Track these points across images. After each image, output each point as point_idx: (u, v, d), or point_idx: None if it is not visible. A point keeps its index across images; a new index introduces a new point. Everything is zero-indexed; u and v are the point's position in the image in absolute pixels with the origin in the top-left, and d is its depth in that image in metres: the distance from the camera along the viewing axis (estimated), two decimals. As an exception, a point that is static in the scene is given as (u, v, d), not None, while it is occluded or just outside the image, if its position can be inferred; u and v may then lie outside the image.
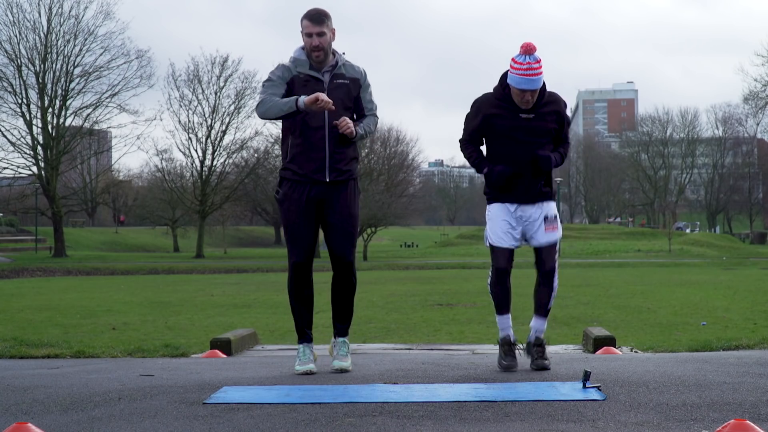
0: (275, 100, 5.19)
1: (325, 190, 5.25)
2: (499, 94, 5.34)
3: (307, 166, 5.22)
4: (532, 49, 5.15)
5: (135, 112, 52.20)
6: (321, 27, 5.17)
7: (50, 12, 47.99)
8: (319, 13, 5.20)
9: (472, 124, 5.42)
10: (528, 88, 5.18)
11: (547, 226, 5.38)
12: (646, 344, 8.42)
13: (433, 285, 22.55)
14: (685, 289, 19.48)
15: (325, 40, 5.19)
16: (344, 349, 5.43)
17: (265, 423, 3.84)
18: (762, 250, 55.37)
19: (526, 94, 5.21)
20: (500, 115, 5.30)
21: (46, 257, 48.87)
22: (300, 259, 5.29)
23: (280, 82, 5.26)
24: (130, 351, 8.00)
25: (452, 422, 3.81)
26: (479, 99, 5.43)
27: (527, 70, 5.13)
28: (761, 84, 57.12)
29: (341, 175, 5.26)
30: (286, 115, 5.18)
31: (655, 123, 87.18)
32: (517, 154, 5.31)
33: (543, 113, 5.32)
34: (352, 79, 5.31)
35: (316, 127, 5.19)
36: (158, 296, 19.45)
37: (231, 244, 70.22)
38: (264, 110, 5.22)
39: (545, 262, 5.38)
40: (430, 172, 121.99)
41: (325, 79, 5.24)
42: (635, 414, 3.91)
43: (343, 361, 5.36)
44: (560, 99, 5.45)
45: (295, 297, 5.41)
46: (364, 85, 5.37)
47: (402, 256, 53.51)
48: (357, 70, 5.35)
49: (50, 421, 3.94)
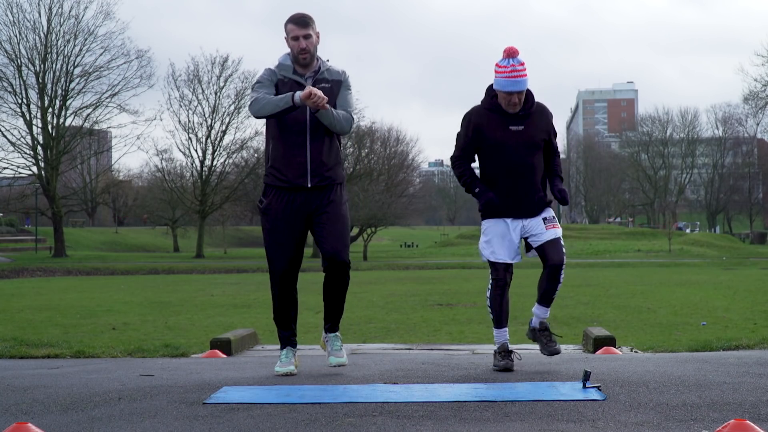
0: (269, 98, 5.20)
1: (308, 197, 5.23)
2: (488, 103, 5.36)
3: (289, 171, 5.21)
4: (514, 53, 5.22)
5: (135, 112, 52.34)
6: (306, 30, 5.22)
7: (50, 12, 48.03)
8: (303, 17, 5.25)
9: (464, 138, 5.44)
10: (514, 89, 5.20)
11: (548, 225, 5.40)
12: (646, 344, 8.42)
13: (433, 285, 22.54)
14: (685, 289, 19.48)
15: (311, 43, 5.24)
16: (337, 344, 5.42)
17: (265, 423, 3.84)
18: (762, 250, 55.38)
19: (512, 97, 5.23)
20: (490, 126, 5.33)
21: (46, 257, 48.88)
22: (285, 267, 5.26)
23: (269, 83, 5.28)
24: (130, 351, 8.01)
25: (452, 422, 3.81)
26: (469, 112, 5.45)
27: (511, 72, 5.18)
28: (761, 84, 57.14)
29: (323, 180, 5.24)
30: (281, 112, 5.17)
31: (655, 123, 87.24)
32: (509, 165, 5.33)
33: (532, 124, 5.34)
34: (334, 81, 5.33)
35: (297, 131, 5.20)
36: (158, 296, 19.45)
37: (231, 244, 70.24)
38: (259, 107, 5.21)
39: (552, 257, 5.34)
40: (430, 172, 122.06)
41: (308, 84, 5.26)
42: (635, 414, 3.91)
43: (339, 356, 5.36)
44: (547, 110, 5.49)
45: (279, 306, 5.38)
46: (344, 85, 5.36)
47: (402, 256, 53.52)
48: (338, 73, 5.37)
49: (50, 421, 3.94)
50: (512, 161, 5.31)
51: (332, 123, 5.20)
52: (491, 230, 5.40)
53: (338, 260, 5.24)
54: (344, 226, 5.31)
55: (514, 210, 5.37)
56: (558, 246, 5.36)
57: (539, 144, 5.38)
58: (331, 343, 5.43)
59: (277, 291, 5.33)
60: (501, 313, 5.39)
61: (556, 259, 5.33)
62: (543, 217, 5.40)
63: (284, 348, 5.40)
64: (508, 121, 5.31)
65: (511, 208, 5.36)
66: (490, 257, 5.38)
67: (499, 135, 5.31)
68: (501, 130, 5.31)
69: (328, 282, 5.36)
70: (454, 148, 5.51)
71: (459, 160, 5.49)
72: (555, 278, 5.37)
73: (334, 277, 5.32)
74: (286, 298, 5.36)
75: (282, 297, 5.35)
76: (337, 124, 5.22)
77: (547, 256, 5.36)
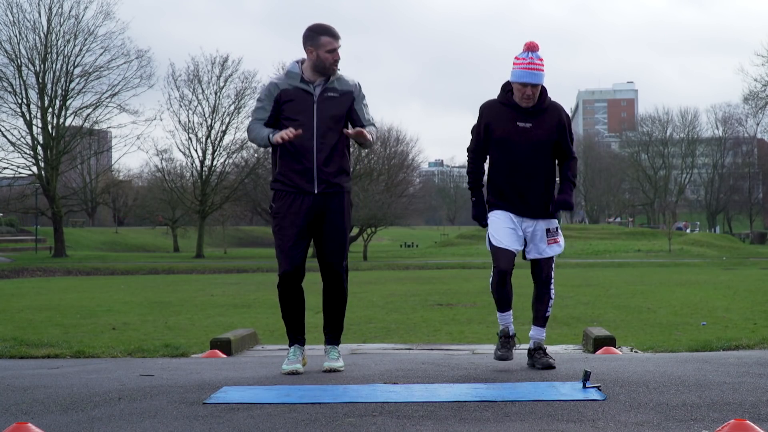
0: (257, 131, 5.38)
1: (316, 201, 5.31)
2: (502, 97, 5.40)
3: (296, 177, 5.30)
4: (535, 47, 5.27)
5: (135, 112, 52.28)
6: (339, 42, 5.30)
7: (50, 12, 48.00)
8: (335, 30, 5.34)
9: (477, 132, 5.50)
10: (529, 81, 5.22)
11: (549, 239, 5.41)
12: (646, 344, 8.41)
13: (433, 285, 22.54)
14: (685, 289, 19.47)
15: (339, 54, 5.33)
16: (335, 354, 5.49)
17: (265, 423, 3.84)
18: (762, 250, 55.36)
19: (527, 89, 5.25)
20: (499, 122, 5.35)
21: (46, 257, 48.86)
22: (290, 269, 5.32)
23: (267, 102, 5.38)
24: (130, 351, 8.00)
25: (452, 422, 3.81)
26: (483, 105, 5.50)
27: (529, 64, 5.23)
28: (761, 84, 57.12)
29: (330, 187, 5.33)
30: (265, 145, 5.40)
31: (655, 123, 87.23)
32: (513, 162, 5.35)
33: (541, 123, 5.33)
34: (343, 92, 5.37)
35: (304, 138, 5.26)
36: (158, 296, 19.45)
37: (231, 244, 70.21)
38: (251, 139, 5.47)
39: (543, 271, 5.42)
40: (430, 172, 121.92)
41: (316, 93, 5.32)
42: (635, 414, 3.91)
43: (335, 362, 5.42)
44: (561, 109, 5.44)
45: (286, 306, 5.46)
46: (358, 98, 5.42)
47: (402, 256, 53.50)
48: (350, 84, 5.42)
49: (50, 421, 3.94)
50: (516, 158, 5.33)
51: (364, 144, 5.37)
52: (497, 220, 5.43)
53: (334, 270, 5.42)
54: (344, 237, 5.45)
55: (516, 208, 5.38)
56: (550, 262, 5.44)
57: (547, 144, 5.36)
58: (328, 353, 5.51)
59: (283, 290, 5.40)
60: (504, 298, 5.42)
61: (546, 273, 5.42)
62: (547, 227, 5.41)
63: (292, 346, 5.47)
64: (517, 117, 5.32)
65: (514, 205, 5.38)
66: (495, 242, 5.39)
67: (505, 130, 5.33)
68: (508, 125, 5.33)
69: (325, 292, 5.50)
70: (470, 141, 5.58)
71: (473, 154, 5.56)
72: (546, 292, 5.44)
73: (329, 286, 5.47)
74: (293, 297, 5.43)
75: (288, 296, 5.42)
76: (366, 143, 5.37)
77: (539, 269, 5.43)
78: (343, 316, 5.58)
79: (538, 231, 5.40)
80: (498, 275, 5.37)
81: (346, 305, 5.58)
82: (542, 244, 5.40)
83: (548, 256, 5.41)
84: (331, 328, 5.54)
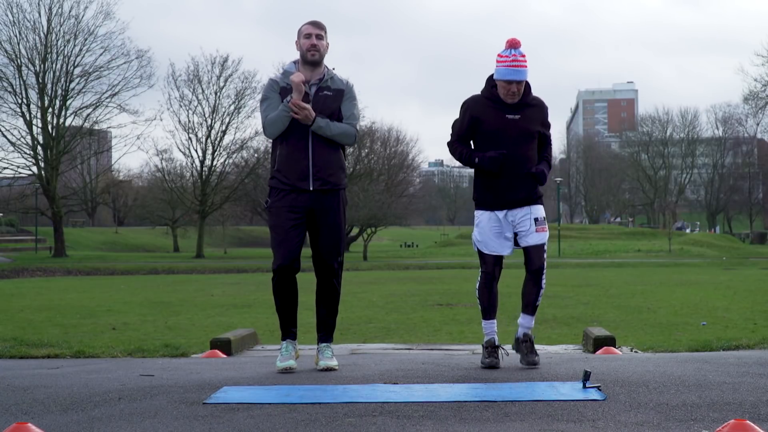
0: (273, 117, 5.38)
1: (311, 198, 5.40)
2: (487, 92, 5.47)
3: (292, 174, 5.39)
4: (516, 44, 5.33)
5: (135, 112, 52.36)
6: (320, 30, 5.45)
7: (50, 12, 48.04)
8: (318, 21, 5.50)
9: (460, 125, 5.54)
10: (514, 78, 5.29)
11: (538, 227, 5.50)
12: (646, 344, 8.41)
13: (433, 285, 22.54)
14: (685, 289, 19.47)
15: (322, 44, 5.45)
16: (328, 352, 5.54)
17: (265, 423, 3.84)
18: (762, 250, 55.37)
19: (512, 86, 5.32)
20: (487, 115, 5.42)
21: (46, 257, 48.89)
22: (285, 262, 5.38)
23: (272, 94, 5.47)
24: (130, 351, 8.00)
25: (452, 422, 3.81)
26: (467, 100, 5.56)
27: (513, 61, 5.29)
28: (761, 84, 57.13)
29: (325, 184, 5.41)
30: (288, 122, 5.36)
31: (655, 123, 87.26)
32: (505, 154, 5.39)
33: (528, 115, 5.44)
34: (336, 90, 5.50)
35: (300, 135, 5.37)
36: (158, 296, 19.45)
37: (231, 244, 70.23)
38: (273, 131, 5.41)
39: (534, 261, 5.48)
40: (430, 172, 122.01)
41: (311, 91, 5.44)
42: (635, 414, 3.91)
43: (330, 360, 5.47)
44: (544, 104, 5.59)
45: (280, 298, 5.53)
46: (347, 96, 5.52)
47: (402, 256, 53.52)
48: (343, 83, 5.55)
49: (50, 421, 3.94)
50: (507, 148, 5.40)
51: (333, 137, 5.40)
52: (483, 222, 5.52)
53: (328, 265, 5.50)
54: (339, 235, 5.52)
55: (504, 199, 5.44)
56: (541, 252, 5.49)
57: (534, 135, 5.49)
58: (322, 352, 5.56)
59: (278, 282, 5.46)
60: (489, 305, 5.53)
61: (537, 263, 5.46)
62: (535, 217, 5.49)
63: (284, 340, 5.55)
64: (506, 110, 5.41)
65: (502, 197, 5.44)
66: (481, 248, 5.51)
67: (496, 123, 5.41)
68: (498, 118, 5.41)
69: (319, 289, 5.58)
70: (450, 135, 5.63)
71: (456, 144, 5.60)
72: (537, 282, 5.48)
73: (323, 283, 5.56)
74: (287, 290, 5.49)
75: (283, 288, 5.48)
76: (337, 137, 5.42)
77: (530, 259, 5.48)
78: (336, 314, 5.66)
79: (527, 219, 5.47)
80: (485, 276, 5.51)
81: (339, 303, 5.65)
82: (532, 231, 5.47)
83: (539, 244, 5.47)
84: (324, 326, 5.62)
